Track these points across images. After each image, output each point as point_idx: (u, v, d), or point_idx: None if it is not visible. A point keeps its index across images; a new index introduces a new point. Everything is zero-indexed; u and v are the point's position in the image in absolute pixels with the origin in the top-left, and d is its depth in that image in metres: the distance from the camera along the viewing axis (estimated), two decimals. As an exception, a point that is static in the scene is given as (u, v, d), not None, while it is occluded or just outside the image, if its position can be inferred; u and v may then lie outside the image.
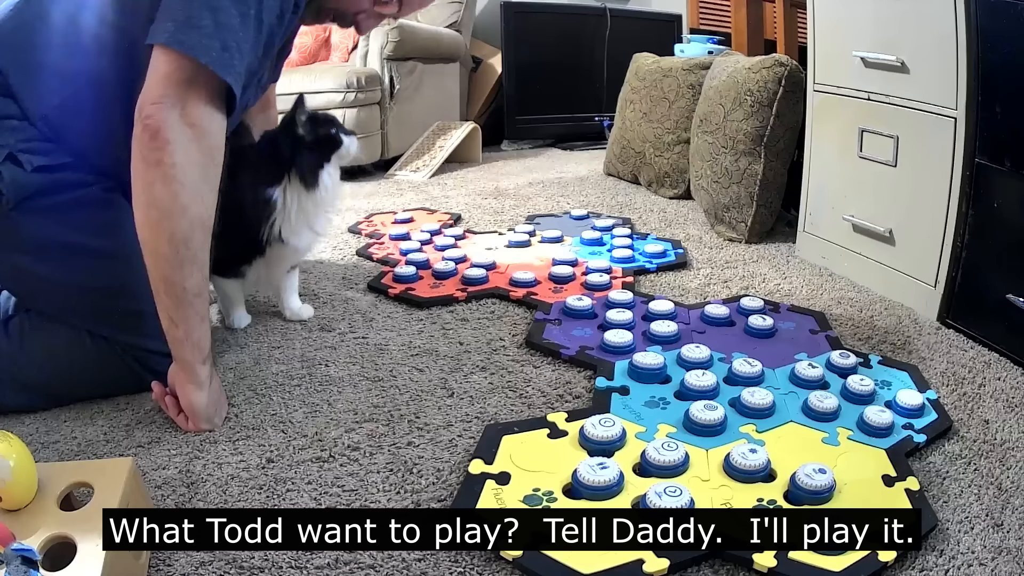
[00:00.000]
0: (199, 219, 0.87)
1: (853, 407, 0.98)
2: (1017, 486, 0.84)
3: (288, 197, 1.15)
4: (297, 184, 1.15)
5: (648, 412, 0.97)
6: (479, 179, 2.53)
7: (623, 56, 2.68)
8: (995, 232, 1.20)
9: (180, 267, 0.87)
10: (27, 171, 0.92)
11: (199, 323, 0.91)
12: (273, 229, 1.16)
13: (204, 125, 0.85)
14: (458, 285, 1.44)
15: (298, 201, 1.16)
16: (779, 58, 1.74)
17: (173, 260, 0.87)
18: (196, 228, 0.87)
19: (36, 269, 0.97)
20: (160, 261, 0.87)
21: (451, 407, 1.01)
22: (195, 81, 0.84)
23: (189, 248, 0.87)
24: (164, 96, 0.82)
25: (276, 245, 1.18)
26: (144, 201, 0.85)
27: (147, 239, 0.86)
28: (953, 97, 1.22)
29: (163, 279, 0.88)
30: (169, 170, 0.83)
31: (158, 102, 0.82)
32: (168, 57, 0.83)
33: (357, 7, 1.05)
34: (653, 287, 1.49)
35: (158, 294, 0.89)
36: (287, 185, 1.15)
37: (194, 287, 0.89)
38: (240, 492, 0.82)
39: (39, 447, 0.92)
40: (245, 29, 0.86)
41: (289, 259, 1.25)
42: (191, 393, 0.93)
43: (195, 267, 0.88)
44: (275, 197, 1.14)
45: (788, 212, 1.88)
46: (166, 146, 0.82)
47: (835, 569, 0.69)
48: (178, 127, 0.83)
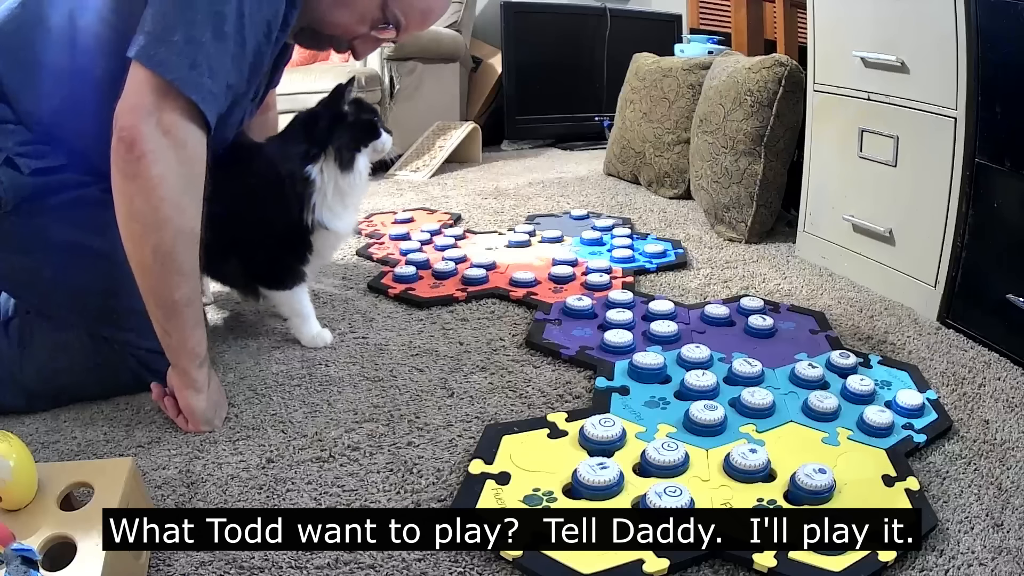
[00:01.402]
0: (183, 231, 0.86)
1: (853, 407, 0.98)
2: (1017, 486, 0.84)
3: (325, 176, 1.12)
4: (332, 164, 1.12)
5: (648, 412, 0.97)
6: (479, 179, 2.53)
7: (623, 56, 2.68)
8: (995, 232, 1.20)
9: (167, 279, 0.86)
10: (24, 174, 0.92)
11: (192, 330, 0.91)
12: (315, 213, 1.13)
13: (181, 136, 0.83)
14: (458, 285, 1.44)
15: (334, 182, 1.13)
16: (779, 58, 1.74)
17: (159, 273, 0.86)
18: (180, 240, 0.85)
19: (36, 270, 0.97)
20: (147, 273, 0.86)
21: (451, 407, 1.01)
22: (168, 94, 0.82)
23: (175, 260, 0.86)
24: (138, 107, 0.81)
25: (319, 232, 1.15)
26: (125, 214, 0.84)
27: (132, 252, 0.85)
28: (953, 97, 1.22)
29: (151, 291, 0.87)
30: (148, 183, 0.82)
31: (133, 113, 0.81)
32: (140, 69, 0.82)
33: (353, 33, 1.03)
34: (653, 287, 1.49)
35: (148, 305, 0.88)
36: (323, 164, 1.12)
37: (184, 297, 0.88)
38: (240, 492, 0.82)
39: (39, 447, 0.92)
40: (220, 46, 0.84)
41: (330, 249, 1.22)
42: (189, 397, 0.93)
43: (183, 278, 0.87)
44: (313, 175, 1.11)
45: (788, 212, 1.88)
46: (144, 158, 0.81)
47: (835, 569, 0.69)
48: (155, 138, 0.81)
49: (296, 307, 1.19)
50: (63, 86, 0.93)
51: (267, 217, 1.12)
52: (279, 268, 1.16)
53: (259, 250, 1.15)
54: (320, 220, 1.14)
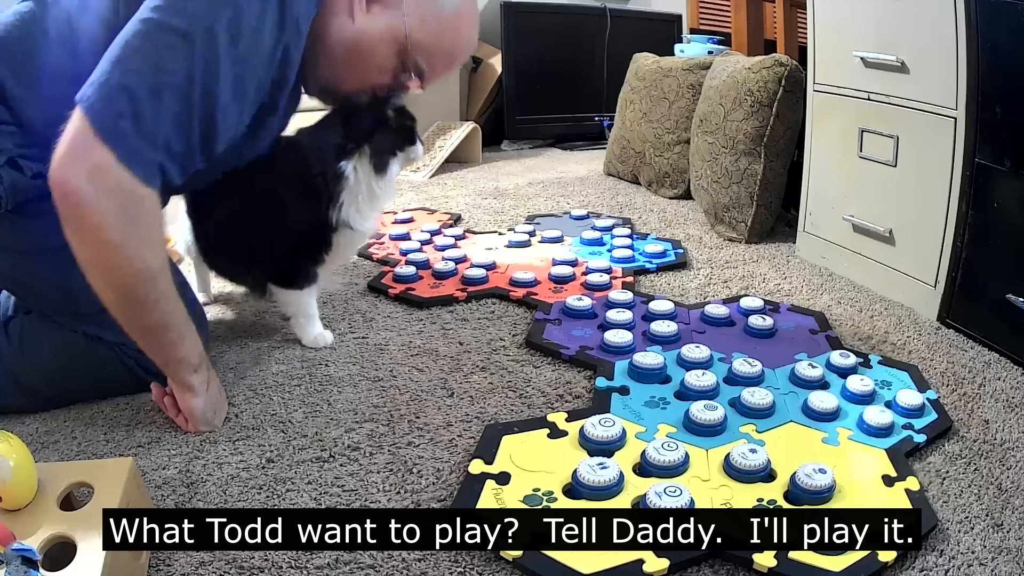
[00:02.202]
0: (139, 271, 0.81)
1: (853, 407, 0.98)
2: (1017, 486, 0.84)
3: (359, 175, 1.09)
4: (367, 164, 1.09)
5: (648, 412, 0.97)
6: (479, 179, 2.53)
7: (623, 56, 2.68)
8: (995, 232, 1.20)
9: (135, 312, 0.85)
10: (27, 176, 0.92)
11: (177, 343, 0.90)
12: (341, 212, 1.10)
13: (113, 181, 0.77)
14: (458, 285, 1.44)
15: (367, 183, 1.10)
16: (779, 58, 1.74)
17: (128, 308, 0.85)
18: (140, 279, 0.82)
19: (36, 270, 0.97)
20: (115, 309, 0.85)
21: (451, 407, 1.01)
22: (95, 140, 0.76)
23: (138, 297, 0.83)
24: (66, 154, 0.76)
25: (342, 232, 1.12)
26: (81, 263, 0.81)
27: (98, 291, 0.83)
28: (953, 97, 1.22)
29: (123, 322, 0.86)
30: (91, 234, 0.78)
31: (62, 162, 0.76)
32: (75, 113, 0.77)
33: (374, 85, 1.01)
34: (653, 287, 1.49)
35: (126, 331, 0.87)
36: (358, 162, 1.09)
37: (157, 323, 0.87)
38: (240, 492, 0.82)
39: (39, 447, 0.92)
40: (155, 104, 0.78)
41: (350, 249, 1.19)
42: (188, 399, 0.93)
43: (152, 307, 0.85)
44: (347, 172, 1.08)
45: (788, 212, 1.88)
46: (79, 207, 0.76)
47: (835, 569, 0.69)
48: (85, 187, 0.75)
49: (303, 308, 1.18)
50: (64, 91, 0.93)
51: (293, 211, 1.10)
52: (294, 266, 1.15)
53: (277, 246, 1.13)
54: (346, 219, 1.11)
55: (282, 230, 1.11)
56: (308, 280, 1.16)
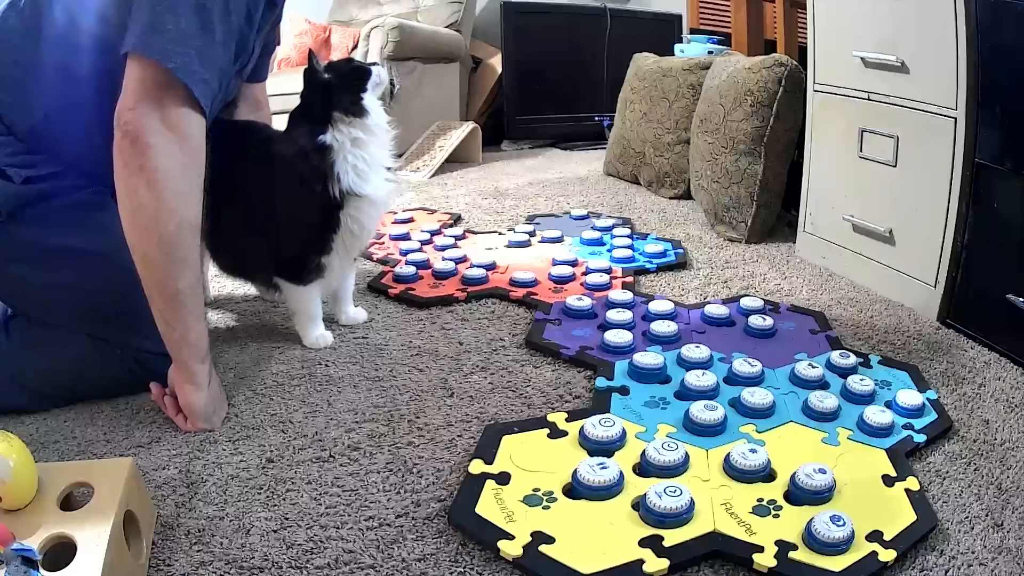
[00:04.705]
0: (186, 221, 0.88)
1: (853, 407, 0.98)
2: (1017, 486, 0.84)
3: (340, 134, 1.09)
4: (343, 119, 1.09)
5: (648, 412, 0.97)
6: (479, 179, 2.53)
7: (623, 56, 2.68)
8: (995, 232, 1.20)
9: (171, 270, 0.88)
10: (16, 183, 0.92)
11: (195, 322, 0.92)
12: (340, 181, 1.09)
13: (183, 127, 0.86)
14: (458, 285, 1.44)
15: (350, 136, 1.09)
16: (779, 58, 1.74)
17: (164, 264, 0.87)
18: (184, 230, 0.87)
19: (34, 277, 0.97)
20: (151, 265, 0.88)
21: (451, 407, 1.01)
22: (168, 84, 0.84)
23: (179, 250, 0.87)
24: (140, 102, 0.83)
25: (351, 202, 1.11)
26: (130, 207, 0.86)
27: (136, 244, 0.87)
28: (953, 97, 1.22)
29: (155, 283, 0.88)
30: (152, 175, 0.84)
31: (135, 108, 0.83)
32: (138, 63, 0.84)
33: None
34: (653, 287, 1.49)
35: (151, 298, 0.89)
36: (333, 130, 1.09)
37: (187, 287, 0.89)
38: (240, 492, 0.82)
39: (39, 447, 0.92)
40: (207, 35, 0.86)
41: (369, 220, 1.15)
42: (190, 393, 0.93)
43: (186, 267, 0.89)
44: (327, 140, 1.08)
45: (788, 212, 1.88)
46: (147, 151, 0.83)
47: (835, 569, 0.69)
48: (157, 131, 0.84)
49: (307, 305, 1.18)
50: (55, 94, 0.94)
51: (290, 201, 1.11)
52: (299, 260, 1.14)
53: (284, 240, 1.13)
54: (349, 187, 1.09)
55: (284, 222, 1.12)
56: (312, 274, 1.15)
